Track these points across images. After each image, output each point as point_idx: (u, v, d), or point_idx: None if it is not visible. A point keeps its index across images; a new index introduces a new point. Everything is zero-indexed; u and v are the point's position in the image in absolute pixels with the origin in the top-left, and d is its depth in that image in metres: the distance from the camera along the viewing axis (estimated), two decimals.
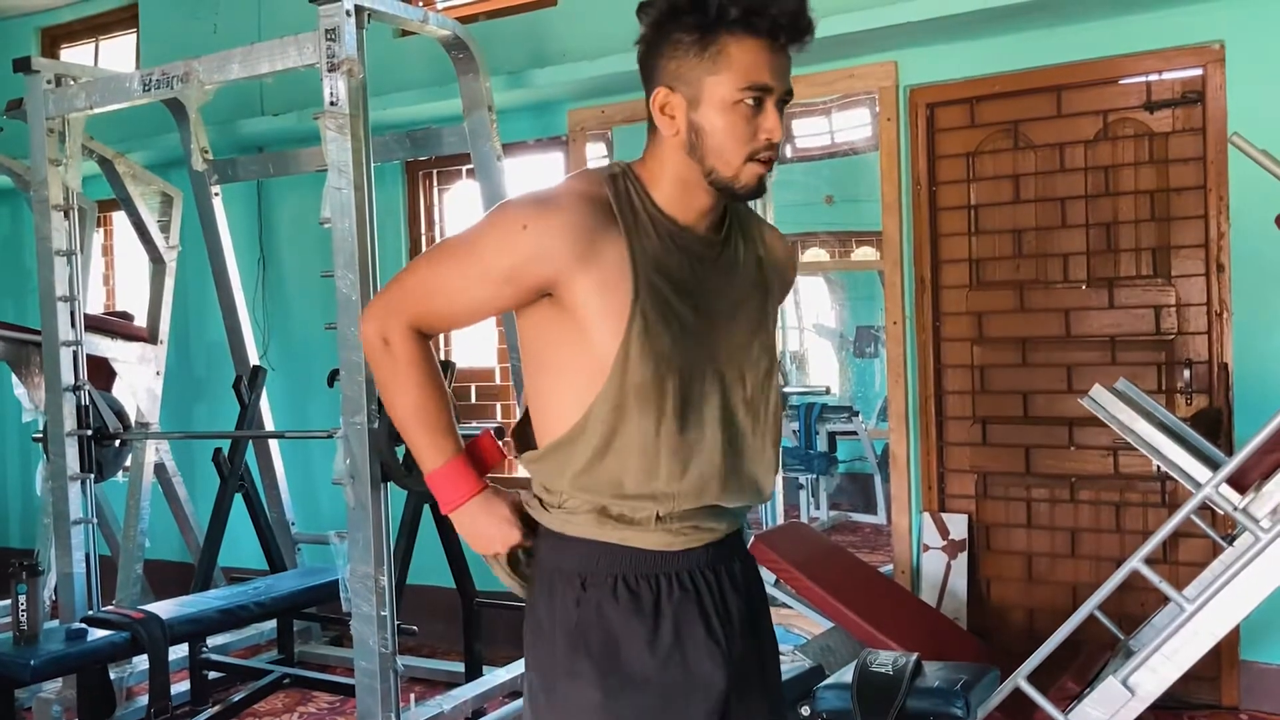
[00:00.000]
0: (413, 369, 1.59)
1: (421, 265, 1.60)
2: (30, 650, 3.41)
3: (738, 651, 1.58)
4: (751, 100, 1.46)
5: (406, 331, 1.58)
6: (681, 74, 1.48)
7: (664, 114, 1.50)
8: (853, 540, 5.92)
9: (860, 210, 5.61)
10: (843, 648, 3.46)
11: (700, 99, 1.47)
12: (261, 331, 5.39)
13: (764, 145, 1.49)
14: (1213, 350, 3.75)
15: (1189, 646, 2.80)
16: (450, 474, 1.61)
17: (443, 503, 1.63)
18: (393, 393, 1.61)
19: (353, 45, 3.29)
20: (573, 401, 1.51)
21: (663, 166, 1.53)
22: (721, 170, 1.49)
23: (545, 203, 1.49)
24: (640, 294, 1.47)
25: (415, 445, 1.62)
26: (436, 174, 5.35)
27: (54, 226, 4.13)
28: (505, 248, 1.48)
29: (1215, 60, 3.67)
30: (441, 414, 1.61)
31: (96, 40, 6.35)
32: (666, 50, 1.49)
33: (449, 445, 1.61)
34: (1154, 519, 3.81)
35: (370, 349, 1.61)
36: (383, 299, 1.61)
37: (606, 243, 1.47)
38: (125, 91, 3.91)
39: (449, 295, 1.56)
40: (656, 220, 1.52)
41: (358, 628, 3.29)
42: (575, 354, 1.51)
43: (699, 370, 1.53)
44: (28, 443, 5.75)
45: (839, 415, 6.30)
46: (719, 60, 1.45)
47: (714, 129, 1.47)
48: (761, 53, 1.46)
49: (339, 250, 3.29)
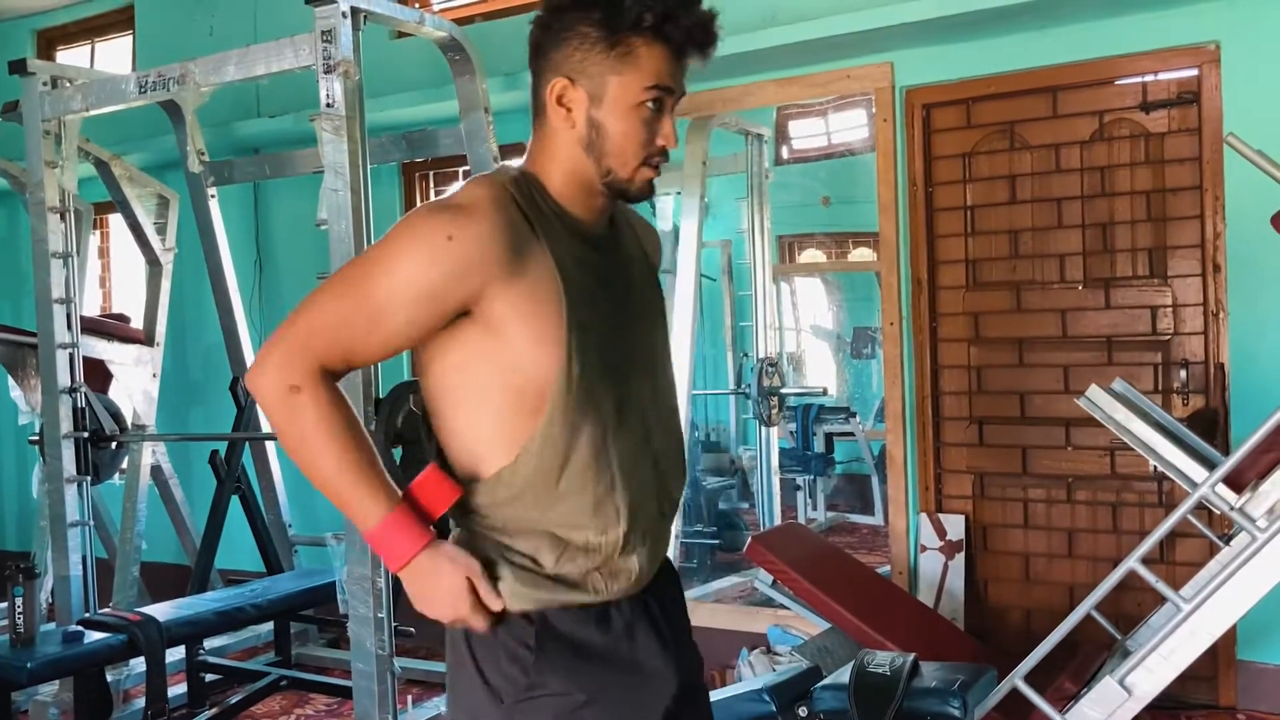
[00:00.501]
0: (332, 418, 1.39)
1: (324, 297, 1.41)
2: (27, 653, 3.41)
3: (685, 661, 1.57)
4: (653, 104, 1.44)
5: (316, 375, 1.39)
6: (585, 69, 1.43)
7: (560, 105, 1.45)
8: (850, 541, 5.93)
9: (857, 211, 5.63)
10: (840, 648, 3.46)
11: (603, 97, 1.43)
12: (258, 333, 5.38)
13: (659, 151, 1.47)
14: (1209, 350, 3.75)
15: (1186, 646, 2.80)
16: (392, 528, 1.40)
17: (387, 561, 1.43)
18: (311, 450, 1.39)
19: (349, 47, 3.29)
20: (502, 430, 1.42)
21: (558, 164, 1.47)
22: (619, 171, 1.46)
23: (464, 210, 1.39)
24: (573, 300, 1.41)
25: (347, 504, 1.41)
26: (433, 176, 5.35)
27: (50, 229, 4.13)
28: (429, 262, 1.36)
29: (1210, 61, 3.67)
30: (371, 463, 1.41)
31: (92, 42, 6.35)
32: (570, 40, 1.43)
33: (385, 496, 1.41)
34: (1151, 519, 3.82)
35: (272, 402, 1.39)
36: (281, 343, 1.40)
37: (530, 249, 1.40)
38: (121, 93, 3.91)
39: (363, 326, 1.39)
40: (564, 220, 1.47)
41: (355, 629, 3.29)
42: (498, 374, 1.41)
43: (627, 373, 1.50)
44: (24, 445, 5.74)
45: (836, 416, 6.31)
46: (626, 61, 1.42)
47: (614, 130, 1.44)
48: (667, 59, 1.43)
49: (335, 252, 3.29)
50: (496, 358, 1.40)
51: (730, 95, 4.45)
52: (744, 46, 4.05)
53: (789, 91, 4.37)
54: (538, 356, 1.39)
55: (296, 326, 1.41)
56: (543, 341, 1.39)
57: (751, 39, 4.03)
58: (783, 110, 5.46)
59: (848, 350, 6.71)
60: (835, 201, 6.30)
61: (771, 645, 3.97)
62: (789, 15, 4.06)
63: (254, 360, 1.43)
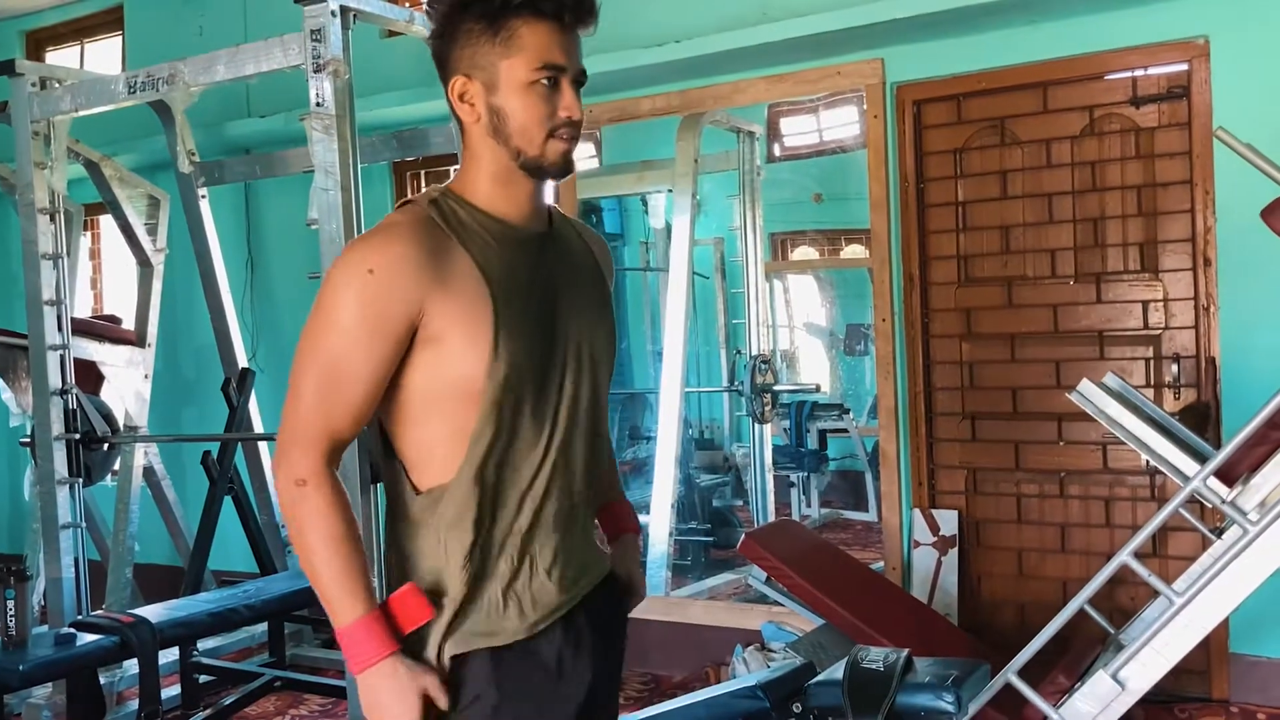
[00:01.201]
0: (329, 515, 1.47)
1: (300, 382, 1.48)
2: (19, 655, 3.40)
3: (599, 662, 1.63)
4: (546, 80, 1.48)
5: (323, 469, 1.47)
6: (476, 60, 1.49)
7: (463, 101, 1.51)
8: (844, 537, 5.94)
9: (849, 208, 5.64)
10: (834, 644, 3.47)
11: (497, 83, 1.49)
12: (250, 334, 5.37)
13: (563, 122, 1.50)
14: (1200, 344, 3.76)
15: (1179, 640, 2.81)
16: (363, 629, 1.45)
17: (351, 661, 1.47)
18: (308, 540, 1.47)
19: (338, 46, 3.28)
20: (455, 433, 1.48)
21: (478, 165, 1.53)
22: (527, 149, 1.50)
23: (378, 241, 1.46)
24: (498, 303, 1.47)
25: (328, 598, 1.47)
26: (424, 175, 5.35)
27: (40, 230, 4.12)
28: (362, 300, 1.43)
29: (1200, 55, 3.68)
30: (358, 567, 1.48)
31: (82, 43, 6.33)
32: (460, 40, 1.50)
33: (364, 599, 1.46)
34: (1143, 513, 3.82)
35: (286, 497, 1.48)
36: (289, 440, 1.48)
37: (452, 259, 1.46)
38: (110, 94, 3.90)
39: (340, 388, 1.46)
40: (487, 226, 1.52)
41: None
42: (444, 383, 1.47)
43: (559, 370, 1.55)
44: (15, 447, 5.72)
45: (830, 413, 6.32)
46: (511, 43, 1.47)
47: (513, 110, 1.49)
48: (551, 34, 1.48)
49: (327, 252, 3.29)
50: (440, 368, 1.47)
51: (721, 92, 4.45)
52: (735, 43, 4.05)
53: (780, 88, 4.37)
54: (470, 359, 1.46)
55: (299, 420, 1.48)
56: (475, 343, 1.46)
57: (742, 36, 4.03)
58: (774, 107, 5.46)
59: (841, 347, 6.72)
60: (827, 198, 6.30)
61: (766, 642, 3.97)
62: (780, 12, 4.06)
63: (274, 461, 1.51)
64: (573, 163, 1.55)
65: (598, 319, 1.63)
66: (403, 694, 1.46)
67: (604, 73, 4.25)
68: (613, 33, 4.72)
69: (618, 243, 6.60)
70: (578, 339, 1.58)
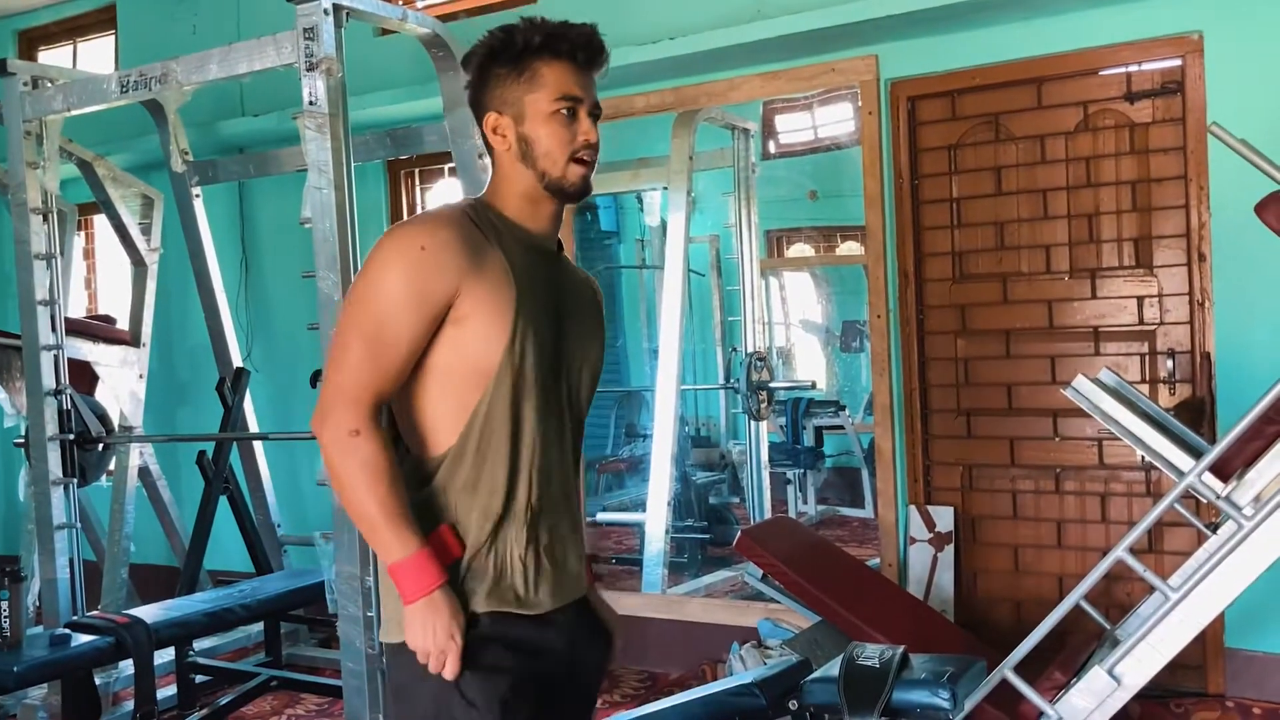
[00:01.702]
0: (381, 459, 1.62)
1: (347, 344, 1.64)
2: (14, 656, 3.40)
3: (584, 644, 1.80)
4: (566, 110, 1.71)
5: (372, 420, 1.63)
6: (506, 98, 1.72)
7: (496, 134, 1.74)
8: (841, 534, 5.94)
9: (844, 205, 5.63)
10: (829, 642, 3.47)
11: (524, 115, 1.71)
12: (244, 333, 5.37)
13: (582, 145, 1.72)
14: (1195, 340, 3.76)
15: (1174, 635, 2.81)
16: (417, 564, 1.62)
17: (407, 593, 1.63)
18: (358, 489, 1.62)
19: (331, 44, 3.27)
20: (459, 404, 1.65)
21: (508, 185, 1.74)
22: (551, 171, 1.71)
23: (429, 225, 1.66)
24: (522, 295, 1.66)
25: (379, 537, 1.63)
26: (418, 173, 5.34)
27: (33, 230, 4.11)
28: (411, 273, 1.61)
29: (1194, 50, 3.68)
30: (405, 504, 1.64)
31: (74, 42, 6.31)
32: (491, 83, 1.74)
33: (413, 536, 1.63)
34: (1139, 509, 3.83)
35: (336, 448, 1.62)
36: (336, 395, 1.63)
37: (486, 252, 1.66)
38: (103, 93, 3.88)
39: (385, 349, 1.62)
40: (514, 232, 1.72)
41: (344, 629, 3.28)
42: (459, 359, 1.64)
43: (559, 368, 1.74)
44: (9, 448, 5.71)
45: (826, 410, 6.32)
46: (534, 80, 1.71)
47: (539, 137, 1.71)
48: (568, 72, 1.72)
49: (320, 251, 3.28)
50: (460, 349, 1.64)
51: (716, 90, 4.45)
52: (729, 40, 4.05)
53: (774, 85, 4.37)
54: (491, 340, 1.64)
55: (344, 377, 1.63)
56: (497, 326, 1.64)
57: (737, 33, 4.03)
58: (769, 104, 5.46)
59: (836, 344, 6.72)
60: (822, 195, 6.30)
61: (762, 639, 3.97)
62: (774, 9, 4.06)
63: (317, 411, 1.65)
64: (590, 185, 1.75)
65: (593, 334, 1.84)
66: (449, 623, 1.62)
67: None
68: (607, 30, 4.67)
69: (613, 240, 6.60)
70: (578, 342, 1.78)
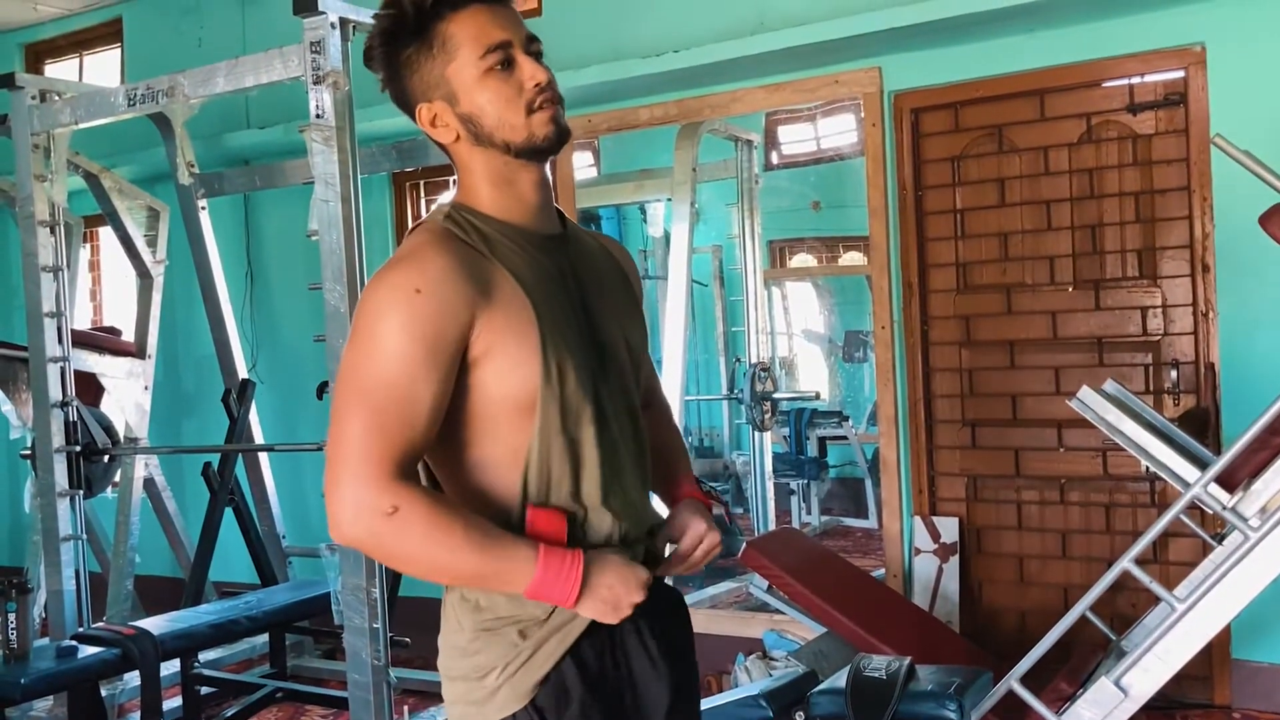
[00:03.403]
0: (439, 517, 1.34)
1: (354, 411, 1.35)
2: (20, 668, 3.40)
3: (678, 673, 1.57)
4: (498, 63, 1.42)
5: (399, 484, 1.34)
6: (428, 81, 1.45)
7: (436, 126, 1.47)
8: (845, 545, 5.93)
9: (847, 215, 5.65)
10: (836, 653, 3.47)
11: (455, 91, 1.44)
12: (250, 345, 5.37)
13: (534, 90, 1.43)
14: (1199, 350, 3.76)
15: (1180, 646, 2.81)
16: (550, 566, 1.36)
17: (564, 598, 1.38)
18: (438, 557, 1.35)
19: (338, 57, 3.29)
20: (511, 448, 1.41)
21: (475, 177, 1.48)
22: (512, 137, 1.44)
23: (415, 261, 1.38)
24: (539, 308, 1.41)
25: (494, 578, 1.37)
26: (424, 185, 5.35)
27: (40, 242, 4.12)
28: (414, 323, 1.34)
29: (1197, 62, 3.69)
30: (490, 529, 1.37)
31: (81, 55, 6.34)
32: (404, 71, 1.46)
33: (522, 546, 1.37)
34: (1144, 519, 3.82)
35: (375, 537, 1.34)
36: (349, 479, 1.33)
37: (489, 272, 1.41)
38: (110, 106, 3.90)
39: (396, 412, 1.34)
40: (506, 233, 1.46)
41: (350, 640, 3.28)
42: (496, 400, 1.40)
43: (604, 371, 1.48)
44: (16, 459, 5.72)
45: (829, 420, 6.32)
46: (447, 48, 1.43)
47: (481, 107, 1.43)
48: (480, 15, 1.43)
49: (327, 263, 3.29)
50: (488, 388, 1.40)
51: (719, 101, 4.46)
52: (733, 53, 4.06)
53: (777, 97, 4.38)
54: (522, 371, 1.39)
55: (352, 456, 1.34)
56: (524, 354, 1.39)
57: (740, 45, 4.05)
58: (772, 115, 5.47)
59: (840, 354, 6.72)
60: (825, 206, 6.31)
61: (768, 650, 3.97)
62: (777, 21, 4.08)
63: (330, 513, 1.35)
64: (567, 129, 1.47)
65: (629, 318, 1.57)
66: (616, 566, 1.40)
67: (602, 82, 4.27)
68: (610, 43, 4.75)
69: None
70: (613, 322, 1.53)
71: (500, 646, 1.44)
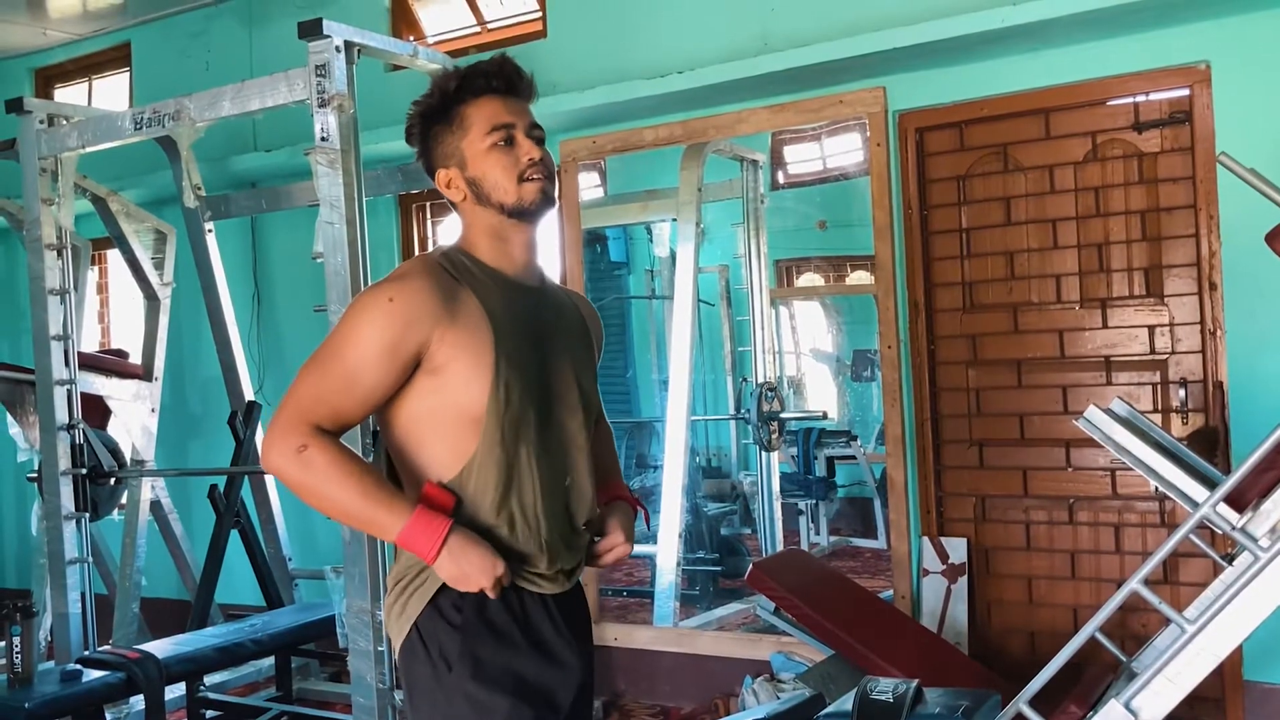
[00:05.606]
0: (339, 458, 1.66)
1: (306, 378, 1.69)
2: (25, 692, 3.39)
3: (586, 665, 1.84)
4: (501, 140, 1.76)
5: (316, 432, 1.66)
6: (447, 151, 1.80)
7: (450, 187, 1.80)
8: (853, 565, 5.90)
9: (853, 235, 5.63)
10: (843, 675, 3.44)
11: (466, 160, 1.78)
12: (256, 367, 5.39)
13: (527, 164, 1.77)
14: (1207, 369, 3.74)
15: (1191, 668, 2.78)
16: (419, 522, 1.65)
17: (425, 551, 1.66)
18: (331, 492, 1.66)
19: (343, 81, 3.31)
20: (453, 454, 1.70)
21: (474, 230, 1.80)
22: (506, 199, 1.76)
23: (400, 278, 1.70)
24: (499, 335, 1.69)
25: (374, 522, 1.67)
26: (430, 206, 5.37)
27: (47, 265, 4.14)
28: (381, 325, 1.65)
29: (1202, 80, 3.69)
30: (382, 482, 1.69)
31: (89, 80, 6.38)
32: (432, 144, 1.81)
33: (402, 503, 1.67)
34: (1153, 539, 3.80)
35: (286, 466, 1.66)
36: (281, 421, 1.67)
37: (460, 298, 1.70)
38: (117, 130, 3.93)
39: (342, 390, 1.67)
40: (489, 274, 1.76)
41: (355, 663, 3.27)
42: (445, 408, 1.68)
43: (550, 402, 1.77)
44: (23, 482, 5.73)
45: (837, 440, 6.30)
46: (464, 125, 1.78)
47: (484, 173, 1.76)
48: (492, 104, 1.78)
49: (332, 285, 3.30)
50: (443, 395, 1.68)
51: (724, 122, 4.47)
52: (737, 74, 4.07)
53: (782, 117, 4.39)
54: (474, 386, 1.68)
55: (289, 405, 1.68)
56: (478, 370, 1.68)
57: (744, 66, 4.06)
58: (777, 135, 5.48)
59: (847, 373, 6.71)
60: (831, 225, 6.31)
61: (775, 673, 3.95)
62: (781, 42, 4.09)
63: (262, 444, 1.69)
64: (552, 198, 1.79)
65: (583, 365, 1.86)
66: (479, 550, 1.66)
67: (607, 104, 4.28)
68: (615, 64, 4.77)
69: (622, 271, 6.61)
70: (567, 379, 1.81)
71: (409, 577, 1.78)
